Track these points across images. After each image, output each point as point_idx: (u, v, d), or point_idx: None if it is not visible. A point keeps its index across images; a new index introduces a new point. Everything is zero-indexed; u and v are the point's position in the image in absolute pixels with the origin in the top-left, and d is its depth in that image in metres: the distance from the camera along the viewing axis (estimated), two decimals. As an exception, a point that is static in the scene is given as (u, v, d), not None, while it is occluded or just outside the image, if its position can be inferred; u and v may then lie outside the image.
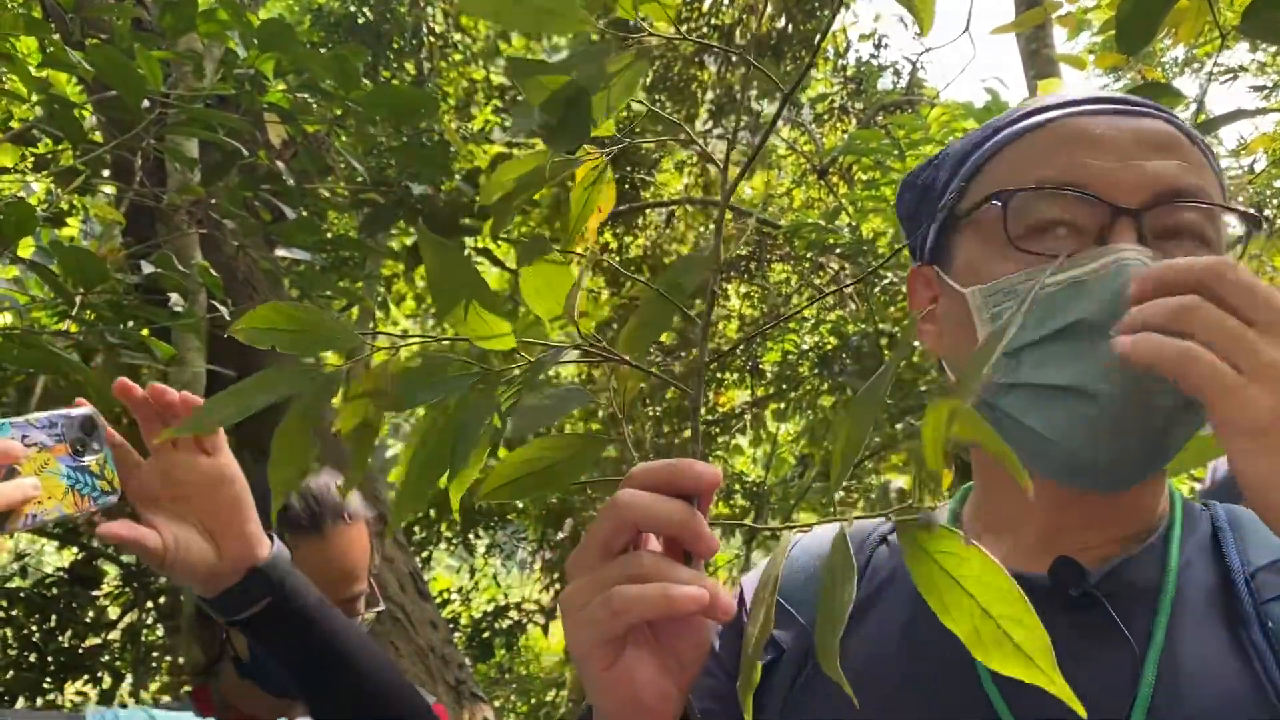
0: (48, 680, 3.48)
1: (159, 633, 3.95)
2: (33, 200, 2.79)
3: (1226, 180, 0.74)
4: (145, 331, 2.23)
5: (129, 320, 2.22)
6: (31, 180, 2.90)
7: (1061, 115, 0.72)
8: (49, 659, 3.49)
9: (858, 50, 6.19)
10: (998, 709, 0.65)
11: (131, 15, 2.33)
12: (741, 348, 5.02)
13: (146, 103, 2.03)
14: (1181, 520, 0.73)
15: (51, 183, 2.86)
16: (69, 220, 3.61)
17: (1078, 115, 0.72)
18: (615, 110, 0.71)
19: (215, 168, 2.54)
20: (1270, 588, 0.65)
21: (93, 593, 3.69)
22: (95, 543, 3.61)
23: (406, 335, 0.73)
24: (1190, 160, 0.70)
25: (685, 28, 4.98)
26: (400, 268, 4.48)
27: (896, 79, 6.03)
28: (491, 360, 0.67)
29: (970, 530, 0.79)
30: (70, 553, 3.82)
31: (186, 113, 2.11)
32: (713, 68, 5.51)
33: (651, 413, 5.38)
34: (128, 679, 3.79)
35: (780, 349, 5.06)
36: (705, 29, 5.36)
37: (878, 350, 4.04)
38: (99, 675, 3.69)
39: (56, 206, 2.93)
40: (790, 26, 5.34)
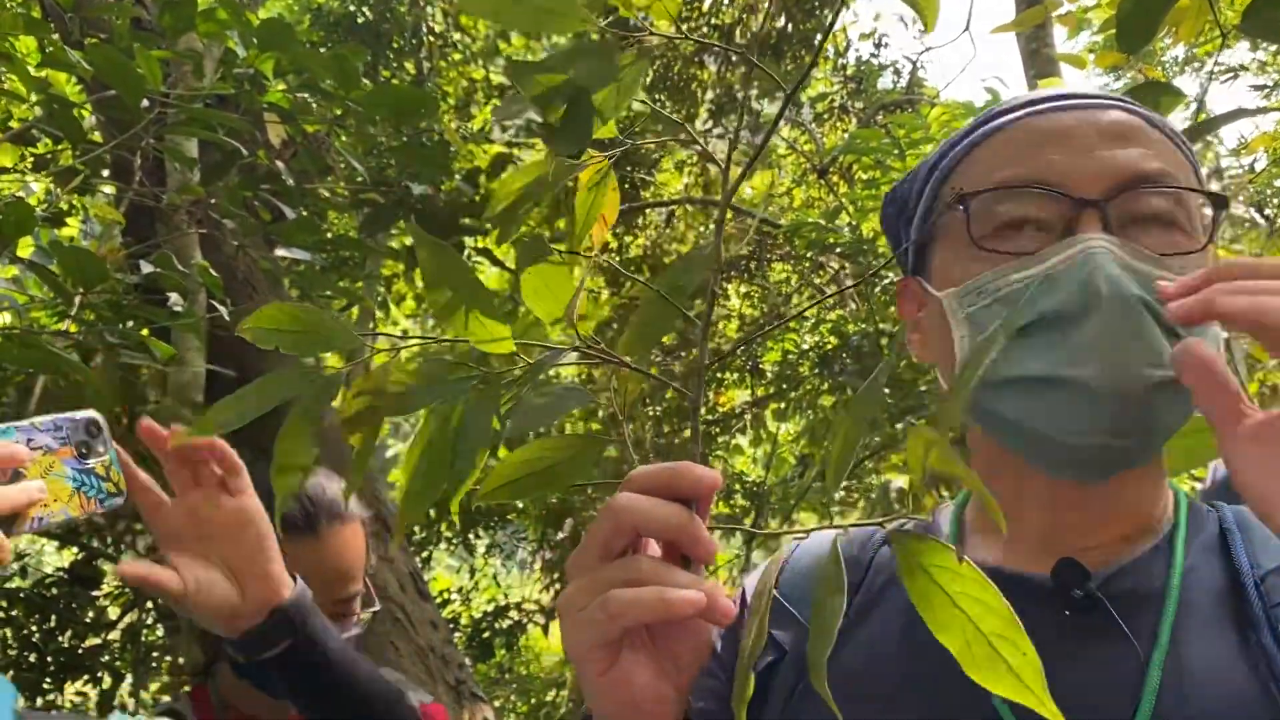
0: (48, 680, 3.48)
1: (159, 633, 3.95)
2: (32, 200, 2.79)
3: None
4: (145, 331, 2.23)
5: (128, 320, 2.21)
6: (31, 180, 2.90)
7: (1020, 116, 0.73)
8: (49, 659, 3.49)
9: (858, 49, 6.20)
10: (999, 709, 0.65)
11: (131, 15, 2.33)
12: (741, 348, 5.02)
13: (146, 102, 2.03)
14: (1187, 521, 0.72)
15: (51, 182, 2.86)
16: (68, 220, 3.61)
17: (1036, 114, 0.73)
18: (620, 109, 0.71)
19: (215, 167, 2.54)
20: None
21: (92, 593, 3.69)
22: (95, 543, 3.61)
23: (407, 336, 0.73)
24: (1153, 147, 0.70)
25: (685, 27, 4.98)
26: (400, 268, 4.47)
27: (897, 78, 6.03)
28: (491, 362, 0.67)
29: (972, 531, 0.79)
30: (70, 553, 3.82)
31: (186, 112, 2.11)
32: (713, 67, 5.50)
33: (652, 412, 5.38)
34: (128, 679, 3.79)
35: (780, 349, 5.06)
36: (705, 28, 5.36)
37: (878, 350, 4.04)
38: (99, 675, 3.69)
39: (56, 206, 2.93)
40: (790, 26, 5.34)
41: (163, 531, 0.91)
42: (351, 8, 5.69)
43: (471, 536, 5.88)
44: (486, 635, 5.87)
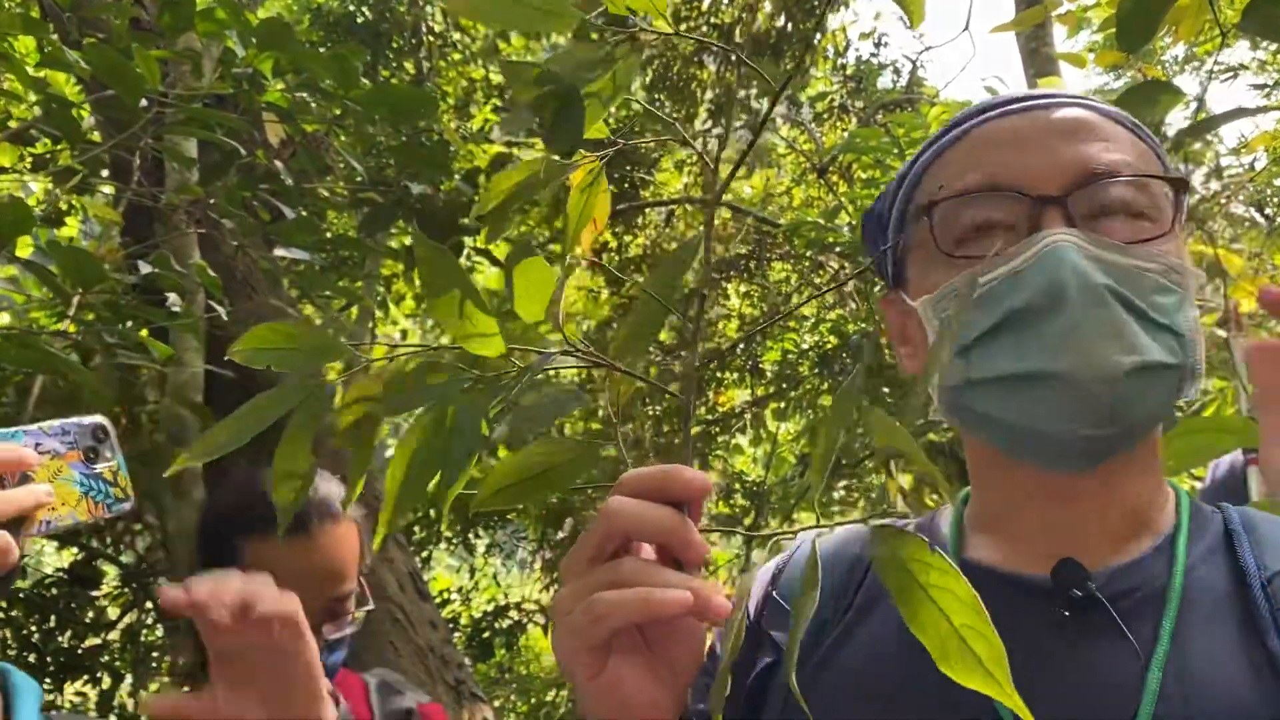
0: (47, 681, 3.48)
1: (158, 633, 3.95)
2: (31, 200, 2.79)
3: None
4: (143, 331, 2.23)
5: (127, 320, 2.21)
6: (29, 180, 2.90)
7: (977, 122, 0.74)
8: (49, 659, 3.49)
9: (857, 49, 6.20)
10: (999, 709, 0.65)
11: (129, 14, 2.33)
12: (741, 347, 5.01)
13: (144, 102, 2.03)
14: (1189, 521, 0.72)
15: (49, 182, 2.86)
16: (67, 220, 3.61)
17: (992, 119, 0.74)
18: (613, 105, 0.71)
19: (214, 167, 2.54)
20: None
21: (92, 593, 3.69)
22: (95, 543, 3.61)
23: (400, 344, 0.73)
24: (1111, 139, 0.71)
25: (684, 26, 4.98)
26: (400, 267, 4.47)
27: (896, 77, 6.03)
28: (485, 365, 0.68)
29: (973, 531, 0.78)
30: (70, 553, 3.82)
31: (185, 112, 2.11)
32: (712, 67, 5.50)
33: (652, 412, 5.38)
34: (127, 679, 3.79)
35: (780, 348, 5.06)
36: (704, 28, 5.36)
37: (878, 350, 4.04)
38: (98, 675, 3.69)
39: (54, 206, 2.93)
40: (789, 25, 5.34)
41: (218, 649, 0.84)
42: (351, 8, 5.69)
43: (471, 536, 5.88)
44: (486, 635, 5.87)
